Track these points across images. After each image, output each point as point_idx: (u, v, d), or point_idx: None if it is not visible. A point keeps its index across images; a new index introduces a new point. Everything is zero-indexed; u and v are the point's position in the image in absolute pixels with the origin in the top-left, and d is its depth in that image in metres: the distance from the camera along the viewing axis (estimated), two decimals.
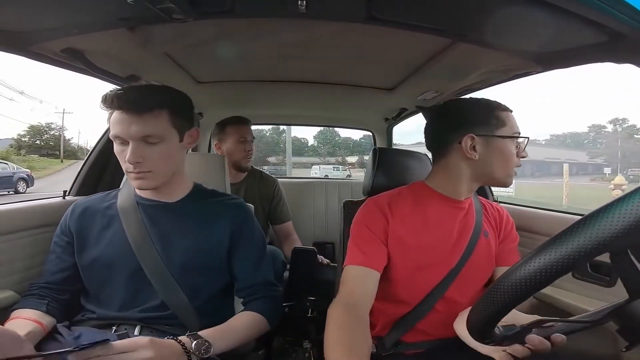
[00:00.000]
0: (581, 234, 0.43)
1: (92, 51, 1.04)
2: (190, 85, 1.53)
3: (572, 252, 0.43)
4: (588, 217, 0.43)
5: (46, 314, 0.89)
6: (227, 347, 0.85)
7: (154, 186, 0.93)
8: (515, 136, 0.92)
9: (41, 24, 0.83)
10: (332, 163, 38.45)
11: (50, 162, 32.91)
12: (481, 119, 0.93)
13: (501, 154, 0.92)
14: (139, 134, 0.86)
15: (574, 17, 0.66)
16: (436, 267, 0.94)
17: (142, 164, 0.87)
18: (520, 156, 0.94)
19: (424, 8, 0.80)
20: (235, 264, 1.01)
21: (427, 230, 0.95)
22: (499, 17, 0.75)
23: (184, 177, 1.04)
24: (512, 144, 0.92)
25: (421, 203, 0.99)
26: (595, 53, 0.82)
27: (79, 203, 1.02)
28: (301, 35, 1.06)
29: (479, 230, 0.98)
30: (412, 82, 1.46)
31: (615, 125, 47.95)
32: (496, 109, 0.94)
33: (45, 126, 39.07)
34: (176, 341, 0.78)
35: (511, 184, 0.95)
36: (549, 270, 0.44)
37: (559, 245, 0.44)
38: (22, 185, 17.00)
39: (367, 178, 1.27)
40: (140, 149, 0.86)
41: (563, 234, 0.45)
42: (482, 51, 0.98)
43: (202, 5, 0.75)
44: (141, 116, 0.85)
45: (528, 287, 0.46)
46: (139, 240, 0.93)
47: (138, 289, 0.92)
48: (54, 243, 0.99)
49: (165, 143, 0.89)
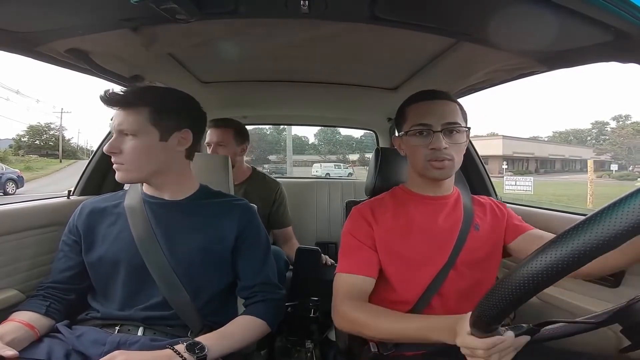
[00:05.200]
0: (589, 230, 0.41)
1: (96, 52, 1.05)
2: (194, 86, 1.53)
3: (583, 248, 0.41)
4: (598, 213, 0.41)
5: (44, 316, 0.90)
6: (224, 350, 0.86)
7: (130, 179, 0.95)
8: (413, 130, 0.94)
9: (46, 25, 0.84)
10: (333, 161, 38.21)
11: (49, 162, 32.77)
12: (398, 119, 1.01)
13: (408, 149, 0.98)
14: (117, 127, 0.92)
15: (579, 16, 0.65)
16: (427, 266, 0.94)
17: (117, 155, 0.92)
18: (430, 148, 0.92)
19: (428, 8, 0.80)
20: (239, 264, 1.01)
21: (411, 231, 0.96)
22: (503, 17, 0.74)
23: (190, 177, 1.05)
24: (415, 137, 0.95)
25: (402, 206, 1.01)
26: (600, 53, 0.81)
27: (87, 203, 1.03)
28: (304, 35, 1.06)
29: (468, 224, 0.98)
30: (415, 81, 1.46)
31: (618, 121, 47.71)
32: (403, 106, 1.00)
33: (44, 126, 38.97)
34: (170, 348, 0.79)
35: (436, 176, 0.94)
36: (555, 267, 0.43)
37: (572, 238, 0.42)
38: (12, 187, 16.51)
39: (370, 178, 1.27)
40: (116, 141, 0.92)
41: (572, 230, 0.43)
42: (486, 51, 0.98)
43: (206, 6, 0.74)
44: (124, 111, 0.92)
45: (536, 283, 0.45)
46: (143, 238, 0.94)
47: (141, 286, 0.93)
48: (62, 242, 1.00)
49: (140, 139, 0.92)
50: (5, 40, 0.87)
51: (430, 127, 0.92)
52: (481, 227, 1.00)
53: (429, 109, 0.94)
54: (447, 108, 0.94)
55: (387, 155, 1.26)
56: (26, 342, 0.84)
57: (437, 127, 0.92)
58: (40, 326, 0.88)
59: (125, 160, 0.91)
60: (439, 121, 0.92)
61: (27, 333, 0.85)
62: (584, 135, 54.22)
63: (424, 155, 0.93)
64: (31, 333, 0.85)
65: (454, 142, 0.93)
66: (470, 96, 1.49)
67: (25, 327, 0.85)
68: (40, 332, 0.88)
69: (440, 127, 0.92)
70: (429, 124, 0.92)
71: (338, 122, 2.76)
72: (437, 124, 0.92)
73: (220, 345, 0.85)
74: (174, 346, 0.80)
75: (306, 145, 50.12)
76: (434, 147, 0.91)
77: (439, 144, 0.90)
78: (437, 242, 0.96)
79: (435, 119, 0.92)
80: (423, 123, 0.93)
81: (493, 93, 11.45)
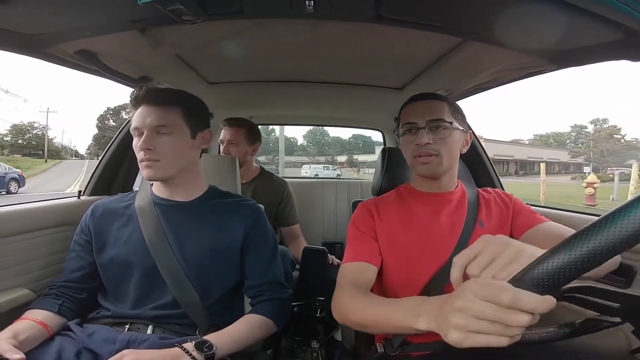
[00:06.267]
0: (604, 231, 0.39)
1: (105, 53, 1.06)
2: (201, 86, 1.54)
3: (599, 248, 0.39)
4: (614, 212, 0.39)
5: (57, 314, 0.92)
6: (231, 349, 0.86)
7: (161, 177, 0.97)
8: (403, 129, 1.00)
9: (56, 26, 0.85)
10: (322, 162, 38.32)
11: (33, 162, 32.73)
12: (397, 123, 1.06)
13: (402, 148, 1.04)
14: (153, 124, 0.93)
15: (589, 15, 0.64)
16: (428, 261, 0.94)
17: (152, 151, 0.93)
18: (415, 144, 0.96)
19: (434, 7, 0.79)
20: (246, 263, 1.02)
21: (412, 226, 0.98)
22: (512, 15, 0.73)
23: (200, 178, 1.07)
24: (404, 136, 1.01)
25: (405, 202, 1.04)
26: (610, 51, 0.80)
27: (98, 204, 1.05)
28: (310, 35, 1.06)
29: (472, 221, 0.98)
30: (422, 81, 1.45)
31: (596, 125, 47.83)
32: (400, 110, 1.05)
33: (27, 125, 38.72)
34: (178, 347, 0.80)
35: (422, 171, 0.99)
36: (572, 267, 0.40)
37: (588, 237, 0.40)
38: (14, 186, 16.80)
39: (377, 177, 1.27)
40: (151, 138, 0.93)
41: (585, 231, 0.41)
42: (494, 50, 0.97)
43: (211, 7, 0.75)
44: (158, 109, 0.95)
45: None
46: (154, 239, 0.95)
47: (151, 286, 0.94)
48: (74, 242, 1.02)
49: (176, 136, 0.95)
50: (16, 41, 0.88)
51: (415, 125, 0.97)
52: (486, 223, 0.99)
53: (415, 108, 1.00)
54: (432, 106, 0.99)
55: (394, 155, 1.26)
56: (39, 341, 0.85)
57: (422, 124, 0.96)
58: (52, 325, 0.89)
59: (160, 157, 0.94)
60: (424, 118, 0.97)
61: (40, 332, 0.86)
62: (564, 138, 55.08)
63: (412, 151, 0.98)
64: (44, 331, 0.87)
65: (439, 137, 0.96)
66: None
67: (38, 326, 0.86)
68: (52, 330, 0.89)
69: (425, 123, 0.96)
70: (414, 122, 0.98)
71: (344, 122, 2.75)
72: (422, 121, 0.96)
73: (228, 343, 0.86)
74: (183, 344, 0.80)
75: (295, 147, 50.17)
76: (418, 143, 0.96)
77: (421, 140, 0.95)
78: (438, 239, 0.95)
79: (420, 116, 0.97)
80: (410, 122, 0.99)
81: (478, 96, 11.18)
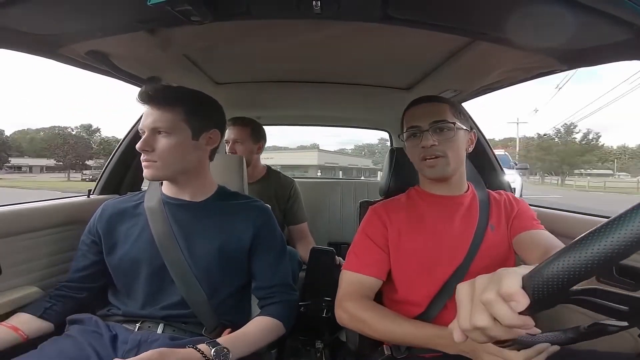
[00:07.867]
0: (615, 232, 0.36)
1: (115, 53, 1.07)
2: (209, 87, 1.55)
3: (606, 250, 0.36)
4: (623, 214, 0.37)
5: (39, 318, 0.93)
6: (244, 352, 0.86)
7: (159, 177, 0.97)
8: (407, 133, 1.00)
9: (67, 27, 0.86)
10: None
11: None
12: (401, 128, 1.05)
13: (408, 152, 1.04)
14: (152, 125, 0.93)
15: (600, 14, 0.64)
16: (441, 266, 0.94)
17: (151, 153, 0.93)
18: (420, 146, 0.96)
19: (442, 6, 0.79)
20: (254, 264, 1.02)
21: (424, 232, 0.97)
22: (521, 15, 0.72)
23: (209, 178, 1.07)
24: (409, 140, 1.01)
25: (415, 205, 1.03)
26: (621, 51, 0.79)
27: (107, 204, 1.05)
28: (317, 35, 1.06)
29: (484, 225, 0.97)
30: (430, 81, 1.44)
31: None
32: (404, 113, 1.04)
33: None
34: (195, 349, 0.79)
35: (429, 173, 0.98)
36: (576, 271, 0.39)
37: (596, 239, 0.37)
38: None
39: (384, 178, 1.26)
40: (150, 138, 0.93)
41: (597, 231, 0.38)
42: (503, 49, 0.96)
43: (219, 7, 0.76)
44: (158, 109, 0.93)
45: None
46: (163, 238, 0.95)
47: (160, 285, 0.94)
48: (81, 241, 1.03)
49: (174, 136, 0.93)
50: (29, 42, 0.89)
51: (419, 128, 0.97)
52: (496, 227, 0.98)
53: (418, 111, 1.00)
54: (434, 108, 0.98)
55: (401, 155, 1.25)
56: (6, 345, 0.85)
57: (425, 126, 0.96)
58: (28, 329, 0.89)
59: (158, 158, 0.93)
60: (427, 121, 0.96)
61: (9, 337, 0.86)
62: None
63: (418, 154, 0.98)
64: (15, 337, 0.87)
65: (444, 138, 0.96)
66: None
67: (10, 331, 0.87)
68: (28, 334, 0.89)
69: (428, 126, 0.96)
70: (418, 125, 0.97)
71: (351, 122, 2.74)
72: (425, 124, 0.96)
73: (241, 347, 0.85)
74: (197, 346, 0.80)
75: None
76: (423, 145, 0.95)
77: (426, 142, 0.95)
78: (450, 244, 0.95)
79: (423, 119, 0.97)
80: (413, 125, 0.98)
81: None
